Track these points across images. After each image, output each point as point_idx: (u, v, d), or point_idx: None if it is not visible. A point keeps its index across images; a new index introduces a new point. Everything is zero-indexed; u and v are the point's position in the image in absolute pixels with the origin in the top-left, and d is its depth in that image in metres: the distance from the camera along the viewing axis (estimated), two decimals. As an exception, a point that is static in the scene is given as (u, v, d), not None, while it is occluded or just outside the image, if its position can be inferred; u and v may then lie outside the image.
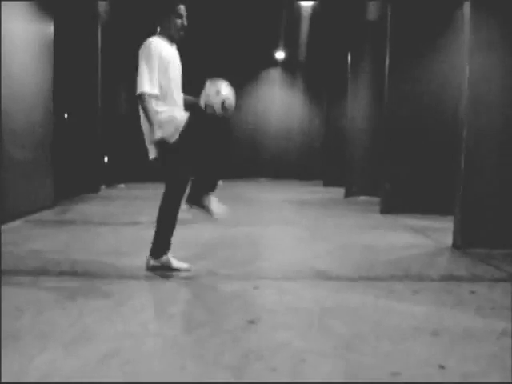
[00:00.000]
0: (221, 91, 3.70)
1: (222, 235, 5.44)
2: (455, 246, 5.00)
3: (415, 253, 4.74)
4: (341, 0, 9.60)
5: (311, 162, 15.99)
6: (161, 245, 3.75)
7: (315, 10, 10.10)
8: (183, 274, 3.72)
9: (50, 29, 7.23)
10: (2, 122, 5.65)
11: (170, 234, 3.77)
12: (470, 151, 4.90)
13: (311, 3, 9.68)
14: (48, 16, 7.13)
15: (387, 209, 7.60)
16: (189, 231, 5.59)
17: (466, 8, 4.97)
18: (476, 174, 4.91)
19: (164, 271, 3.73)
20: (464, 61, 4.98)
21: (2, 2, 5.68)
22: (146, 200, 8.41)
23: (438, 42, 7.47)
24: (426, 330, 2.61)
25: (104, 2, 9.71)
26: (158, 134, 3.61)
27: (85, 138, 9.78)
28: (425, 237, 5.64)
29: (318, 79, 15.46)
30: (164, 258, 3.76)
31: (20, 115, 6.19)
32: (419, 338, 2.51)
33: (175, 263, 3.78)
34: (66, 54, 8.53)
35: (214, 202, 3.85)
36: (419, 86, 7.50)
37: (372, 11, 9.65)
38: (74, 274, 3.68)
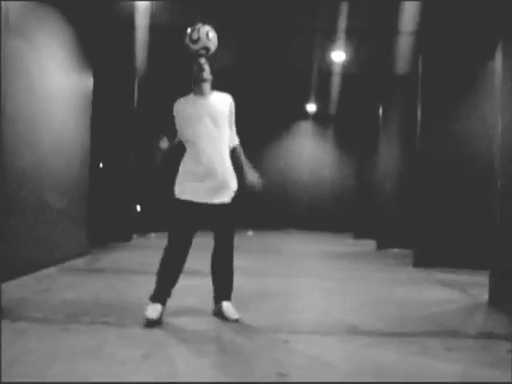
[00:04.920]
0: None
1: (252, 287, 5.41)
2: (491, 301, 4.86)
3: (450, 308, 4.62)
4: (371, 56, 9.77)
5: (341, 214, 15.90)
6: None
7: (346, 65, 10.29)
8: (213, 325, 3.70)
9: (89, 81, 7.52)
10: (42, 170, 5.84)
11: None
12: (504, 203, 4.82)
13: (342, 59, 9.86)
14: (88, 68, 7.43)
15: (420, 262, 7.47)
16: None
17: (498, 60, 5.01)
18: (512, 228, 4.82)
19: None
20: (496, 112, 4.98)
21: (47, 53, 5.97)
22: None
23: (469, 94, 7.47)
24: (462, 390, 2.52)
25: (141, 56, 10.07)
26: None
27: (118, 187, 9.98)
28: (460, 292, 5.50)
29: (349, 132, 15.59)
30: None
31: (59, 165, 6.38)
32: (456, 398, 2.42)
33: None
34: (102, 105, 8.82)
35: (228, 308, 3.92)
36: (451, 139, 7.48)
37: (401, 65, 9.79)
38: (105, 322, 3.69)
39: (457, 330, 3.80)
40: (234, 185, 3.89)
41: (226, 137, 3.89)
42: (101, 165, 9.85)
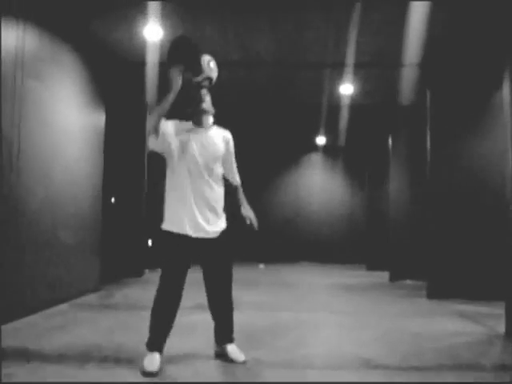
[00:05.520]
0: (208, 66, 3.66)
1: (264, 321, 5.37)
2: (508, 333, 4.78)
3: (465, 341, 4.56)
4: (378, 88, 9.87)
5: (353, 245, 15.82)
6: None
7: (354, 98, 10.40)
8: (222, 363, 3.66)
9: (101, 118, 7.65)
10: (53, 206, 5.91)
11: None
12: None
13: (350, 92, 9.97)
14: (100, 105, 7.57)
15: (434, 294, 7.38)
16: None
17: (505, 88, 5.05)
18: (525, 259, 4.77)
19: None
20: (506, 141, 4.99)
21: (60, 91, 6.11)
22: (189, 284, 8.37)
23: (478, 123, 7.50)
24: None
25: (152, 92, 10.22)
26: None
27: (130, 222, 10.03)
28: (475, 324, 5.43)
29: (359, 163, 15.66)
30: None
31: (71, 201, 6.45)
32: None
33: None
34: (114, 140, 8.94)
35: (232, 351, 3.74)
36: (462, 168, 7.47)
37: (407, 96, 9.87)
38: (117, 360, 3.68)
39: (473, 363, 3.74)
40: (222, 223, 3.70)
41: (219, 174, 3.69)
42: (113, 200, 9.94)
